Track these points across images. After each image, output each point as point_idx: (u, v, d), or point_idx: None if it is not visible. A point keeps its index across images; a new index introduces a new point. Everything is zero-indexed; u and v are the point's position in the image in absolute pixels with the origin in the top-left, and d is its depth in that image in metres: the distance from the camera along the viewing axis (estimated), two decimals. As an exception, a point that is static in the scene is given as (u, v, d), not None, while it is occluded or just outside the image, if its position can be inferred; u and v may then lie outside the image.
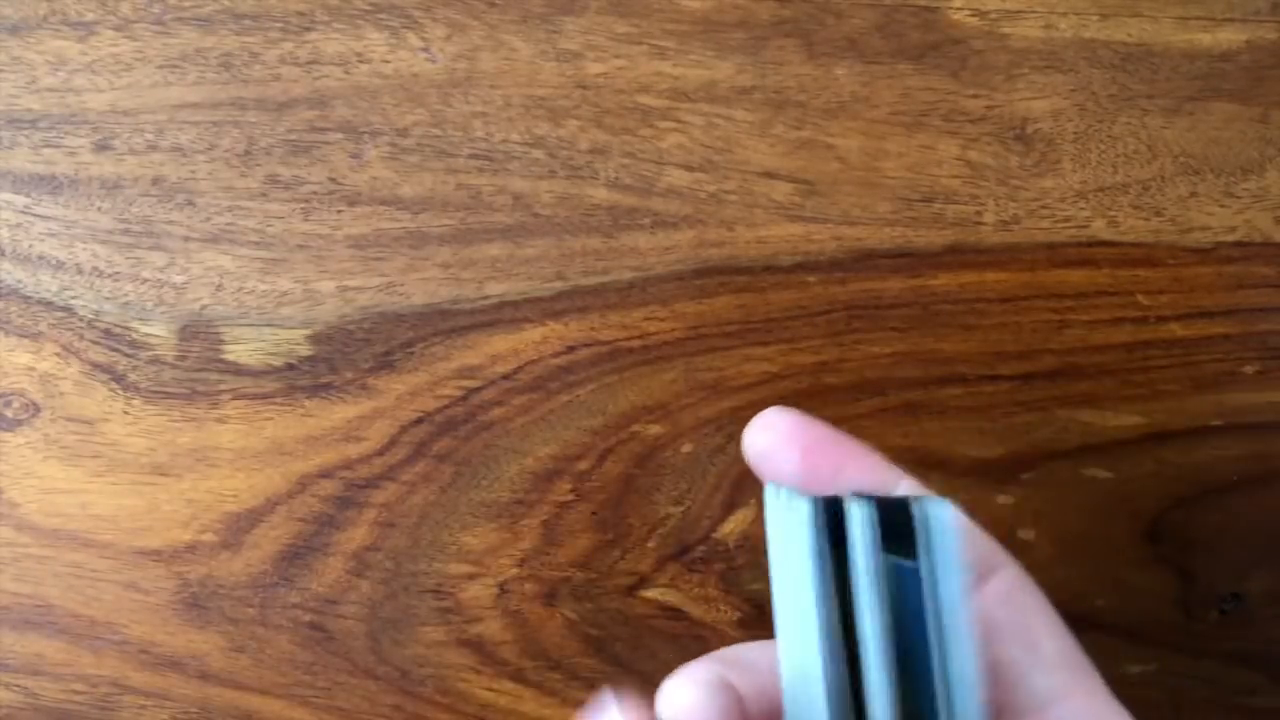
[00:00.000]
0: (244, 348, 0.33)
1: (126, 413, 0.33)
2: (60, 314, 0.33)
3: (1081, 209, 0.34)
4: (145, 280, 0.33)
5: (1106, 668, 0.35)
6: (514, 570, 0.34)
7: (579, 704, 0.34)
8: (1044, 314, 0.34)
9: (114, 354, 0.33)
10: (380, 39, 0.34)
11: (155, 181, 0.33)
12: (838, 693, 0.19)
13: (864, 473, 0.23)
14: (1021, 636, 0.23)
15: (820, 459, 0.23)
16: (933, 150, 0.34)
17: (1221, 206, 0.34)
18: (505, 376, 0.34)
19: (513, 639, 0.34)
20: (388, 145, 0.34)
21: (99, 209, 0.33)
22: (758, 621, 0.34)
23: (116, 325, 0.33)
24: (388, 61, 0.34)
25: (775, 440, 0.23)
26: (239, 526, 0.34)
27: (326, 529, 0.34)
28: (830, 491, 0.21)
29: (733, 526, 0.34)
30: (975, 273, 0.34)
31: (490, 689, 0.34)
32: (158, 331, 0.33)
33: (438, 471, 0.34)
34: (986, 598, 0.23)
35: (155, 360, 0.33)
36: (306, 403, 0.33)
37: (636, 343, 0.34)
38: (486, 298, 0.34)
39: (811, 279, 0.34)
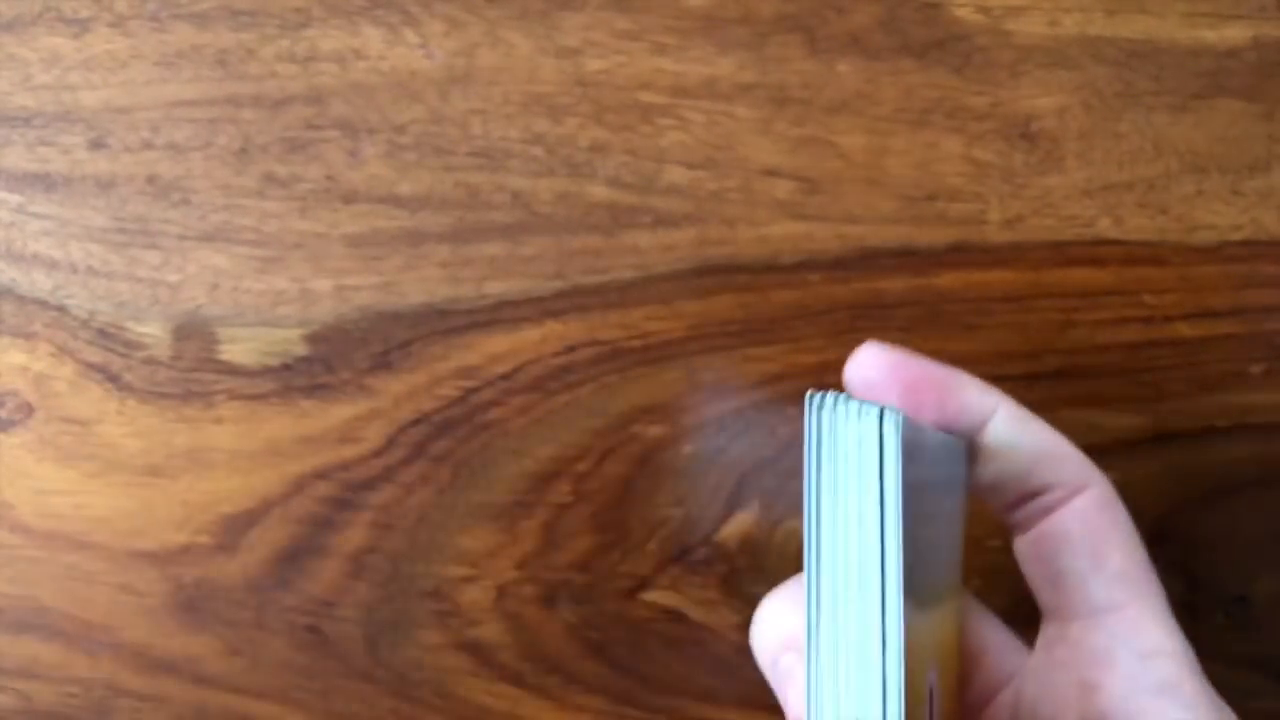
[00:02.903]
0: (240, 347, 0.33)
1: (121, 413, 0.33)
2: (54, 313, 0.33)
3: (1087, 207, 0.34)
4: (140, 279, 0.33)
5: (1111, 671, 0.35)
6: (513, 573, 0.34)
7: (579, 708, 0.34)
8: (1049, 313, 0.34)
9: (109, 354, 0.33)
10: (378, 36, 0.33)
11: (150, 180, 0.33)
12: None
13: (964, 402, 0.25)
14: (1089, 549, 0.24)
15: (922, 395, 0.24)
16: (936, 148, 0.34)
17: (1227, 205, 0.34)
18: (504, 377, 0.33)
19: (511, 642, 0.34)
20: (385, 143, 0.33)
21: (93, 207, 0.33)
22: (759, 624, 0.34)
23: (111, 325, 0.33)
24: (385, 58, 0.33)
25: (876, 378, 0.24)
26: (235, 528, 0.33)
27: (323, 531, 0.33)
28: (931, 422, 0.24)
29: (734, 529, 0.34)
30: (979, 272, 0.34)
31: (489, 692, 0.34)
32: (153, 331, 0.33)
33: (436, 473, 0.33)
34: (1066, 512, 0.25)
35: (150, 360, 0.33)
36: (303, 403, 0.33)
37: (637, 342, 0.33)
38: (485, 297, 0.33)
39: (814, 278, 0.34)
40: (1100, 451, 0.34)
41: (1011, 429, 0.25)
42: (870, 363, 0.24)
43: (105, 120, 0.33)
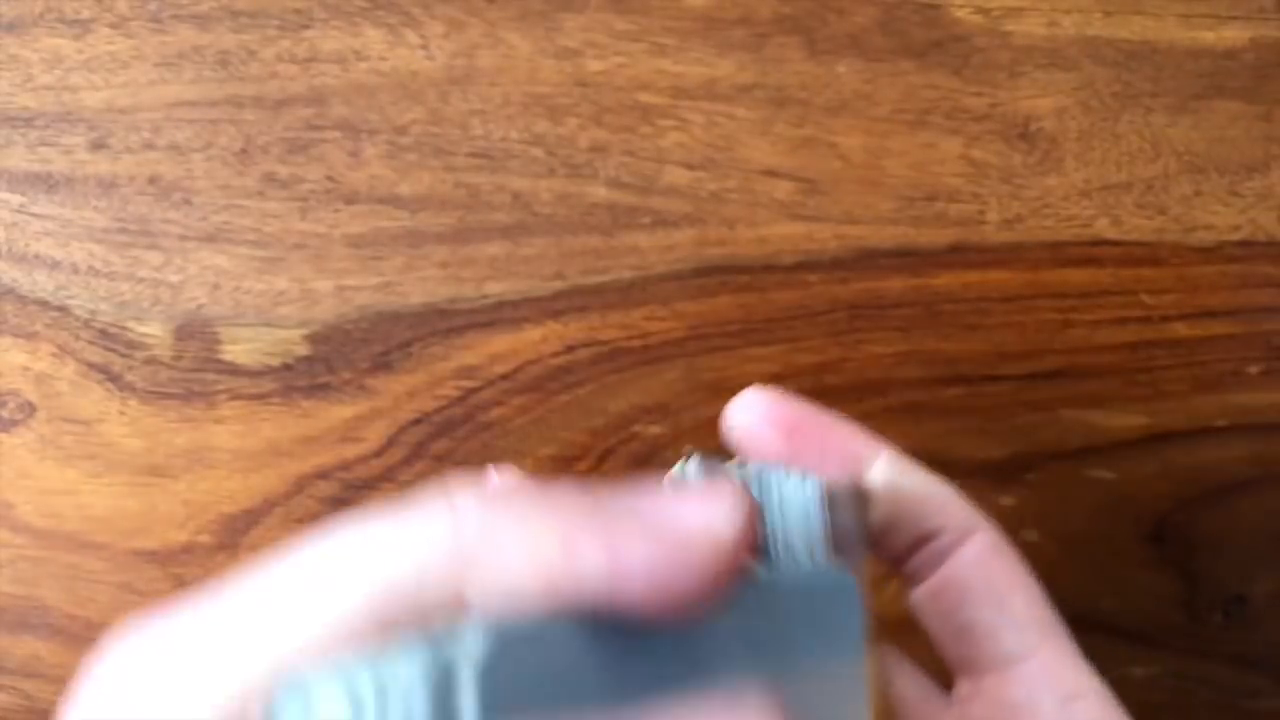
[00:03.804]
0: (241, 348, 0.33)
1: (123, 413, 0.33)
2: (56, 314, 0.33)
3: (1085, 208, 0.34)
4: (141, 280, 0.33)
5: (1110, 670, 0.35)
6: (513, 572, 0.34)
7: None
8: (1047, 314, 0.34)
9: (110, 354, 0.33)
10: (378, 36, 0.33)
11: (151, 180, 0.33)
12: None
13: (845, 448, 0.24)
14: (992, 598, 0.23)
15: (803, 439, 0.24)
16: (935, 149, 0.34)
17: (1225, 205, 0.34)
18: (504, 377, 0.33)
19: (512, 641, 0.34)
20: (386, 143, 0.33)
21: (95, 208, 0.33)
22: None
23: (113, 325, 0.33)
24: (386, 59, 0.33)
25: (756, 421, 0.24)
26: (236, 528, 0.33)
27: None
28: (812, 468, 0.22)
29: (733, 528, 0.34)
30: (978, 272, 0.34)
31: (489, 691, 0.34)
32: (154, 331, 0.33)
33: (436, 472, 0.33)
34: (960, 561, 0.24)
35: (151, 360, 0.33)
36: (304, 403, 0.33)
37: (636, 343, 0.33)
38: (485, 297, 0.33)
39: (813, 278, 0.34)
40: (1099, 451, 0.34)
41: (894, 473, 0.24)
42: (749, 407, 0.24)
43: (106, 121, 0.33)
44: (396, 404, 0.33)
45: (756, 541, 0.18)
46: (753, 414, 0.24)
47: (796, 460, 0.23)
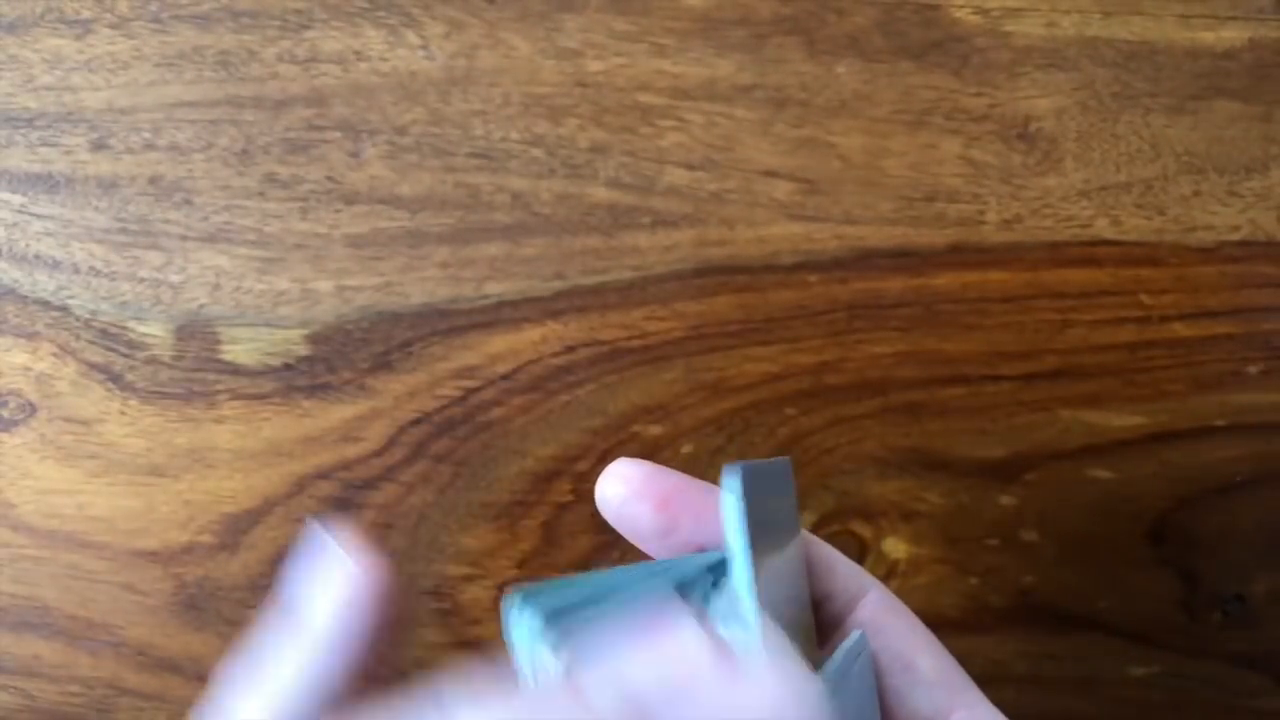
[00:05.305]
0: (241, 348, 0.33)
1: (123, 413, 0.33)
2: (57, 313, 0.33)
3: (1084, 208, 0.34)
4: (142, 280, 0.33)
5: (1109, 669, 0.35)
6: (513, 572, 0.34)
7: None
8: (1046, 314, 0.34)
9: (111, 354, 0.33)
10: (378, 37, 0.33)
11: (152, 180, 0.33)
12: None
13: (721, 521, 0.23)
14: (898, 662, 0.23)
15: (678, 510, 0.22)
16: (935, 149, 0.34)
17: (1225, 205, 0.34)
18: (504, 377, 0.33)
19: (512, 641, 0.34)
20: (386, 144, 0.33)
21: (96, 208, 0.33)
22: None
23: (113, 325, 0.33)
24: (386, 60, 0.33)
25: (629, 493, 0.22)
26: (236, 528, 0.33)
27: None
28: (687, 541, 0.22)
29: (733, 527, 0.34)
30: (977, 272, 0.34)
31: (489, 691, 0.34)
32: (155, 331, 0.33)
33: (436, 472, 0.33)
34: (857, 627, 0.23)
35: (152, 360, 0.33)
36: (304, 403, 0.33)
37: (636, 343, 0.34)
38: (485, 297, 0.33)
39: (813, 278, 0.34)
40: (1098, 451, 0.34)
41: None
42: (622, 478, 0.22)
43: (107, 121, 0.33)
44: (397, 404, 0.33)
45: None
46: (625, 488, 0.22)
47: (674, 531, 0.22)
